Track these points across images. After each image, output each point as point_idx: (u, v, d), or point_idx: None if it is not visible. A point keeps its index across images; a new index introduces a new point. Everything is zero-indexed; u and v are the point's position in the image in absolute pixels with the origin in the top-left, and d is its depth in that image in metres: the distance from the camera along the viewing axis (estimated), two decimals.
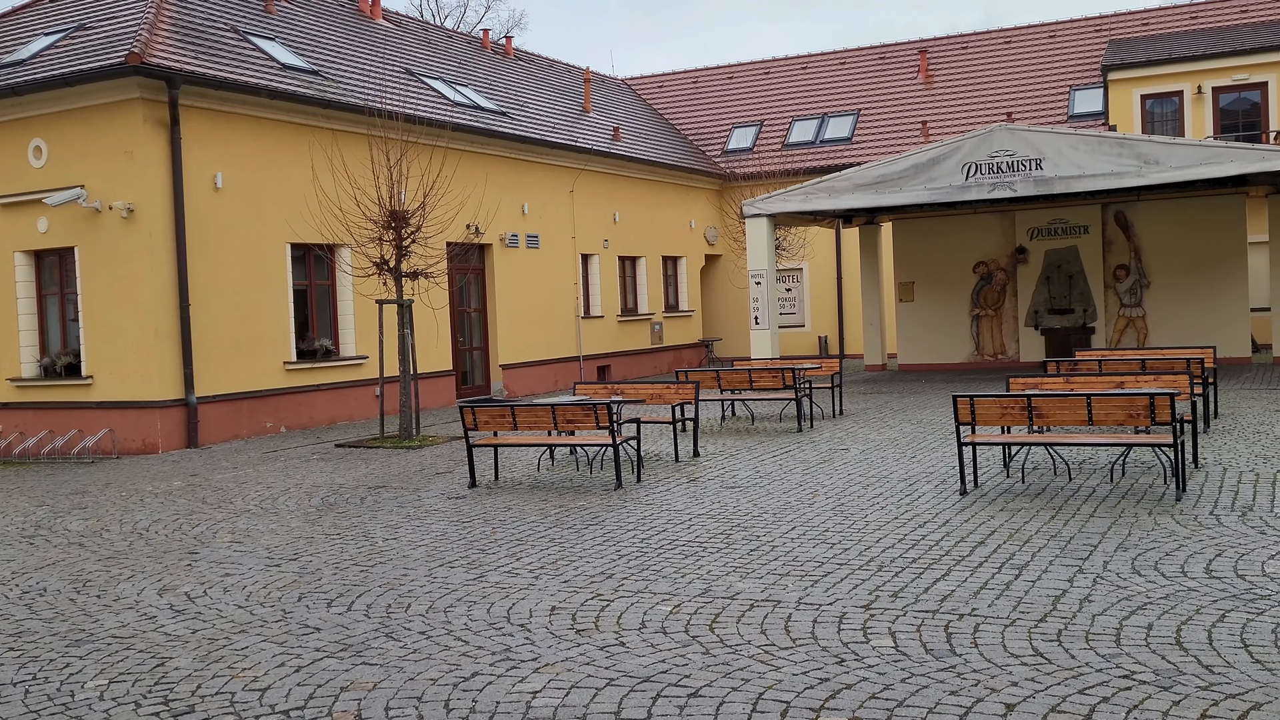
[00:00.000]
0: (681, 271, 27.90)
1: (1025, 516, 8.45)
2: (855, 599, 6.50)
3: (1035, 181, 17.98)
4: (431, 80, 21.96)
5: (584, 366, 23.51)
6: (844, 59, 32.01)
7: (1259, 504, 8.47)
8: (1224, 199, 21.40)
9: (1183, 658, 5.25)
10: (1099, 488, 9.44)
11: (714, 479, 10.86)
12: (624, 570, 7.42)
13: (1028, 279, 22.99)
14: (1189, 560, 6.96)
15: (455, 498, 10.51)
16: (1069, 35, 29.44)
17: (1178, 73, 25.46)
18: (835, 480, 10.47)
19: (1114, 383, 11.17)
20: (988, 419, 9.53)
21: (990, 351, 23.42)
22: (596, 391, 13.15)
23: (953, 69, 29.93)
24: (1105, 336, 22.43)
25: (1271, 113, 24.79)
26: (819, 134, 29.46)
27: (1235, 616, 5.81)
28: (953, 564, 7.17)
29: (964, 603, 6.31)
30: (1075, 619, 5.91)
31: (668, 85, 33.79)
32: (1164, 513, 8.33)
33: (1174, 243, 21.87)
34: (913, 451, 12.02)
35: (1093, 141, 17.88)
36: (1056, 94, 27.65)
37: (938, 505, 9.06)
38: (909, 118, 28.76)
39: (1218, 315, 21.43)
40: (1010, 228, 23.12)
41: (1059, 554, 7.28)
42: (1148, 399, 8.89)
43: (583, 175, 23.78)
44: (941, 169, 18.62)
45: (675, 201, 27.50)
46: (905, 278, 24.05)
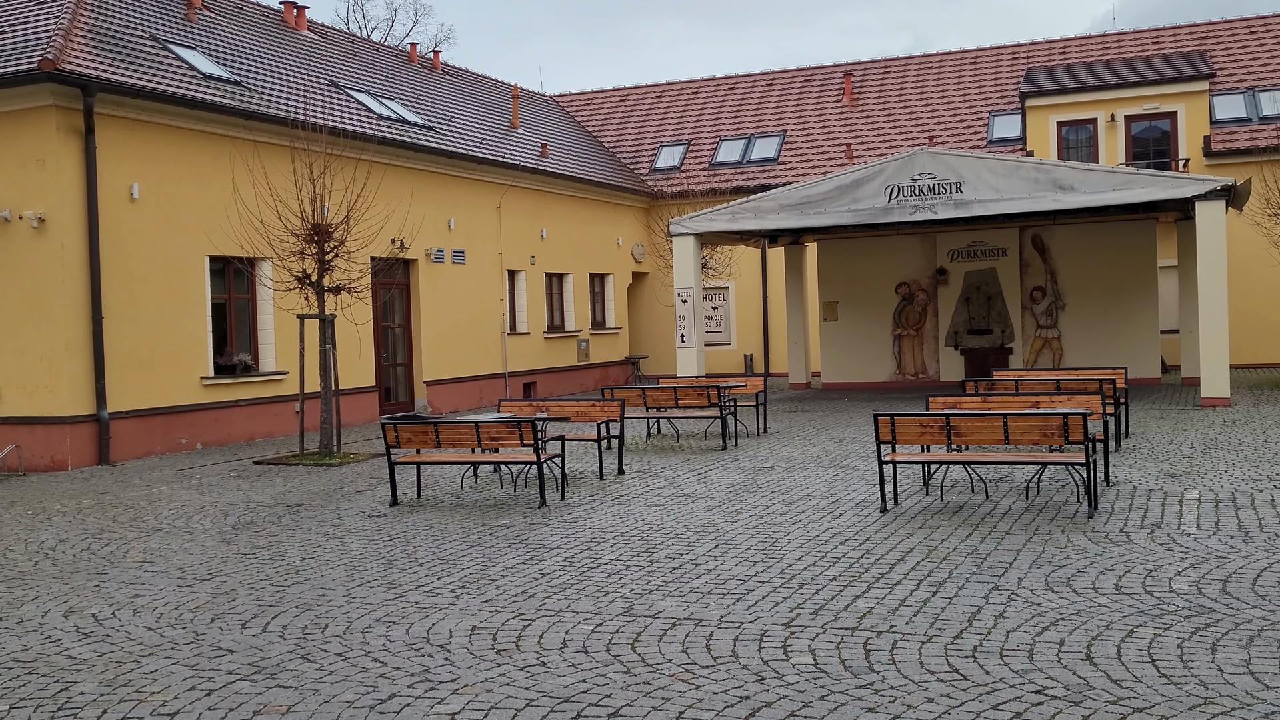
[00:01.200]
0: (608, 289, 27.93)
1: (943, 534, 8.58)
2: (776, 617, 6.53)
3: (955, 204, 18.35)
4: (357, 93, 21.74)
5: (510, 383, 23.38)
6: (771, 80, 32.40)
7: (1167, 521, 8.71)
8: (1135, 224, 22.04)
9: (1093, 673, 5.36)
10: (1015, 505, 9.63)
11: (638, 497, 10.85)
12: (546, 589, 7.37)
13: (948, 300, 23.43)
14: (1100, 576, 7.12)
15: (376, 516, 10.36)
16: (989, 62, 30.15)
17: (1092, 101, 26.22)
18: (758, 498, 10.53)
19: (1030, 402, 11.42)
20: (908, 437, 9.67)
21: (911, 371, 23.79)
22: (521, 409, 13.08)
23: (877, 93, 30.46)
24: (1022, 357, 22.93)
25: (1181, 141, 25.63)
26: (746, 154, 29.76)
27: (1143, 631, 5.95)
28: (872, 581, 7.25)
29: (883, 620, 6.38)
30: (990, 635, 6.01)
31: (596, 103, 33.88)
32: (1077, 530, 8.52)
33: (1088, 266, 22.46)
34: (835, 469, 12.14)
35: (1010, 166, 18.31)
36: (977, 119, 28.28)
37: (859, 523, 9.16)
38: (834, 139, 29.20)
39: (1129, 337, 22.04)
40: (931, 249, 23.56)
41: (975, 571, 7.40)
42: (1061, 418, 9.10)
43: (510, 191, 23.70)
44: (865, 191, 18.91)
45: (603, 219, 27.54)
46: (829, 297, 24.35)
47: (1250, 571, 7.07)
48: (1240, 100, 25.94)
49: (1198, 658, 5.50)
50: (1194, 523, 8.60)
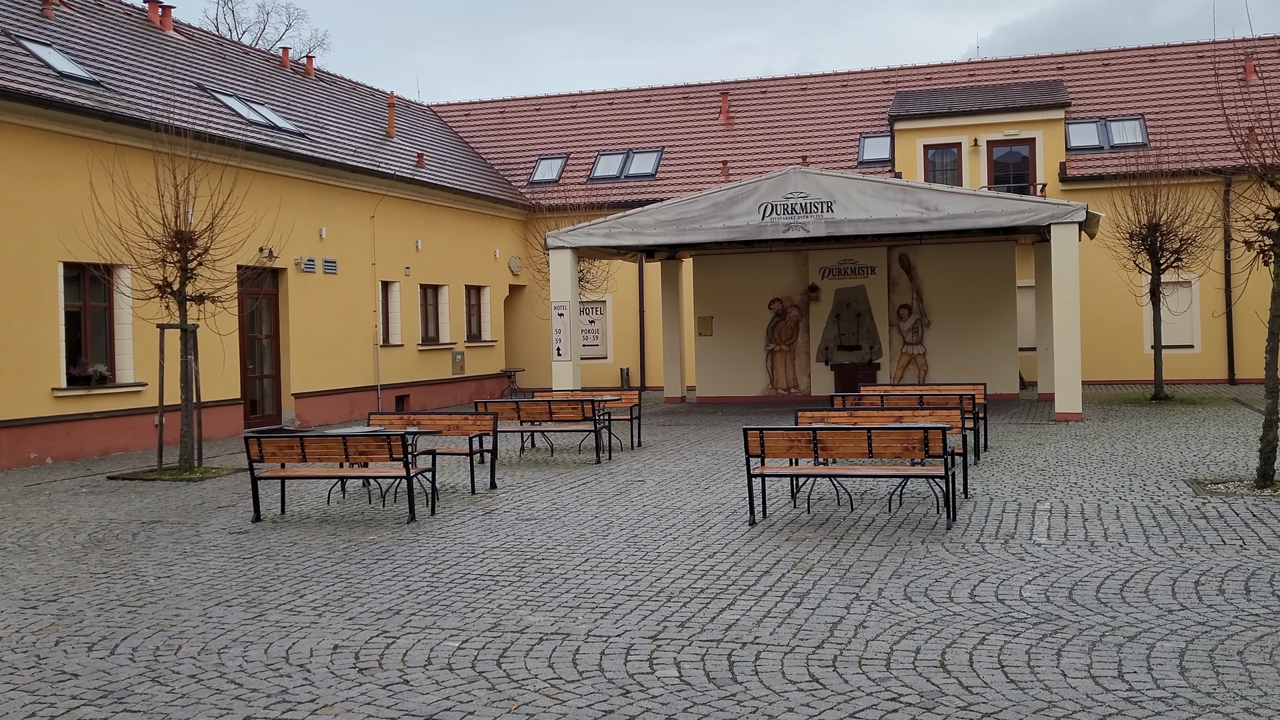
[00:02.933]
0: (485, 301, 27.73)
1: (809, 546, 8.75)
2: (643, 630, 6.56)
3: (827, 223, 18.79)
4: (225, 97, 21.14)
5: (382, 396, 22.99)
6: (649, 96, 32.69)
7: (1020, 532, 9.05)
8: (996, 245, 22.92)
9: (946, 680, 5.53)
10: (878, 517, 9.88)
11: (510, 511, 10.78)
12: (412, 606, 7.25)
13: (819, 316, 23.95)
14: (956, 586, 7.35)
15: (237, 533, 10.05)
16: (860, 85, 31.00)
17: (957, 125, 27.19)
18: (630, 511, 10.57)
19: (893, 417, 11.75)
20: (776, 451, 9.84)
21: (784, 385, 24.23)
22: (392, 422, 12.87)
23: (753, 112, 31.01)
24: (890, 372, 23.58)
25: (1039, 166, 26.77)
26: (624, 169, 29.94)
27: (994, 639, 6.17)
28: (739, 593, 7.34)
29: (747, 631, 6.46)
30: (850, 645, 6.15)
31: (474, 114, 33.66)
32: (935, 541, 8.78)
33: (952, 285, 23.25)
34: (706, 483, 12.28)
35: (879, 187, 18.85)
36: (848, 140, 29.04)
37: (728, 536, 9.27)
38: (710, 157, 29.61)
39: (989, 354, 22.87)
40: (804, 266, 24.06)
41: (838, 582, 7.56)
42: (922, 433, 9.38)
43: (385, 201, 23.35)
44: (740, 208, 19.22)
45: (480, 231, 27.35)
46: (704, 312, 24.65)
47: (1095, 580, 7.39)
48: (1094, 129, 27.24)
49: (1044, 663, 5.73)
50: (1045, 533, 8.96)
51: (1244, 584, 7.16)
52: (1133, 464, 12.76)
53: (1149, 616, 6.49)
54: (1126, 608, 6.69)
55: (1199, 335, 25.38)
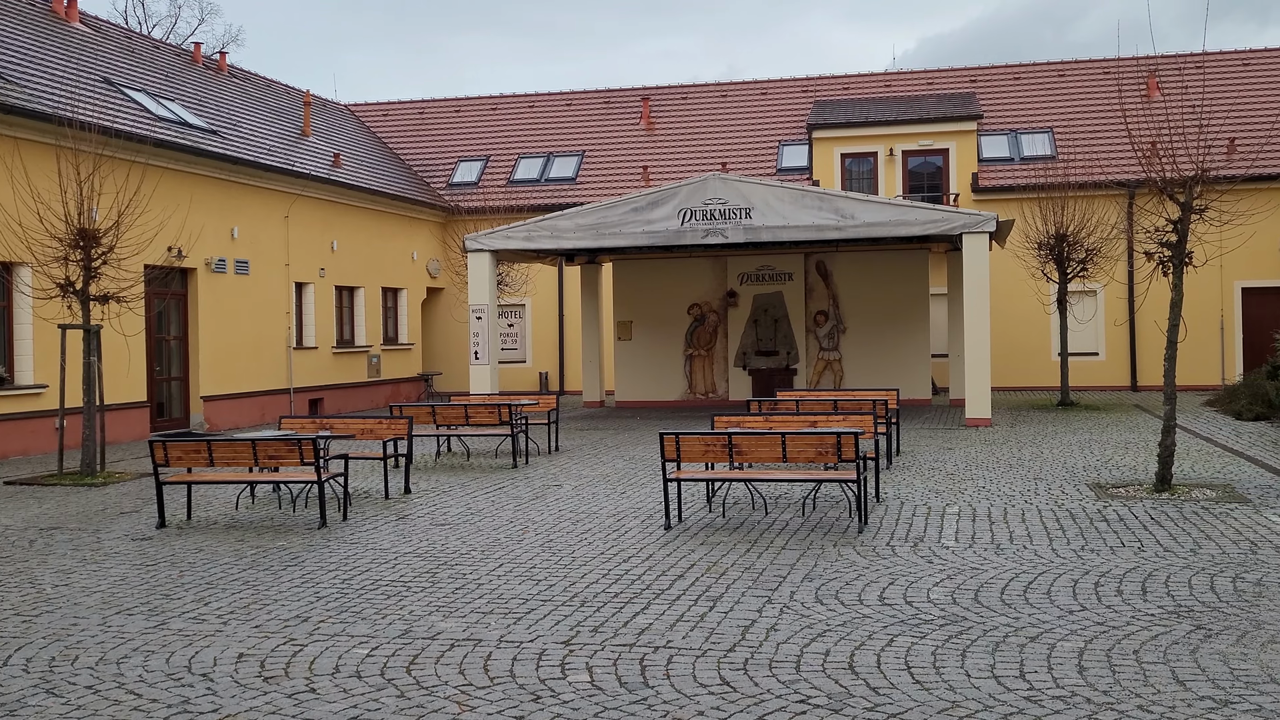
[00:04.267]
0: (402, 304, 27.40)
1: (723, 550, 8.80)
2: (556, 635, 6.53)
3: (745, 229, 18.94)
4: (133, 92, 20.59)
5: (295, 400, 22.57)
6: (571, 100, 32.65)
7: (929, 535, 9.21)
8: (910, 253, 23.34)
9: (854, 681, 5.61)
10: (792, 521, 9.98)
11: (424, 516, 10.66)
12: (321, 613, 7.13)
13: (737, 321, 24.14)
14: (865, 589, 7.46)
15: (140, 539, 9.78)
16: (779, 93, 31.34)
17: (873, 135, 27.64)
18: (546, 516, 10.53)
19: (808, 422, 11.89)
20: (692, 456, 9.88)
21: (702, 390, 24.37)
22: (304, 426, 12.64)
23: (673, 117, 31.16)
24: (806, 378, 23.85)
25: (952, 176, 27.33)
26: (544, 172, 29.85)
27: (902, 640, 6.27)
28: (653, 597, 7.36)
29: (661, 635, 6.47)
30: (761, 648, 6.19)
31: (393, 114, 33.28)
32: (847, 544, 8.90)
33: (867, 292, 23.62)
34: (623, 487, 12.28)
35: (797, 194, 19.07)
36: (767, 148, 29.33)
37: (643, 540, 9.29)
38: (631, 161, 29.67)
39: (903, 360, 23.27)
40: (722, 272, 24.23)
41: (752, 585, 7.62)
42: (835, 437, 9.51)
43: (299, 201, 22.95)
44: (659, 213, 19.29)
45: (397, 232, 27.03)
46: (624, 317, 24.68)
47: (1000, 581, 7.55)
48: (1005, 141, 27.90)
49: (949, 664, 5.83)
50: (953, 536, 9.14)
51: (1141, 585, 7.38)
52: (1038, 468, 13.08)
53: (1050, 617, 6.65)
54: (1029, 609, 6.85)
55: (1103, 343, 26.13)
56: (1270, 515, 9.73)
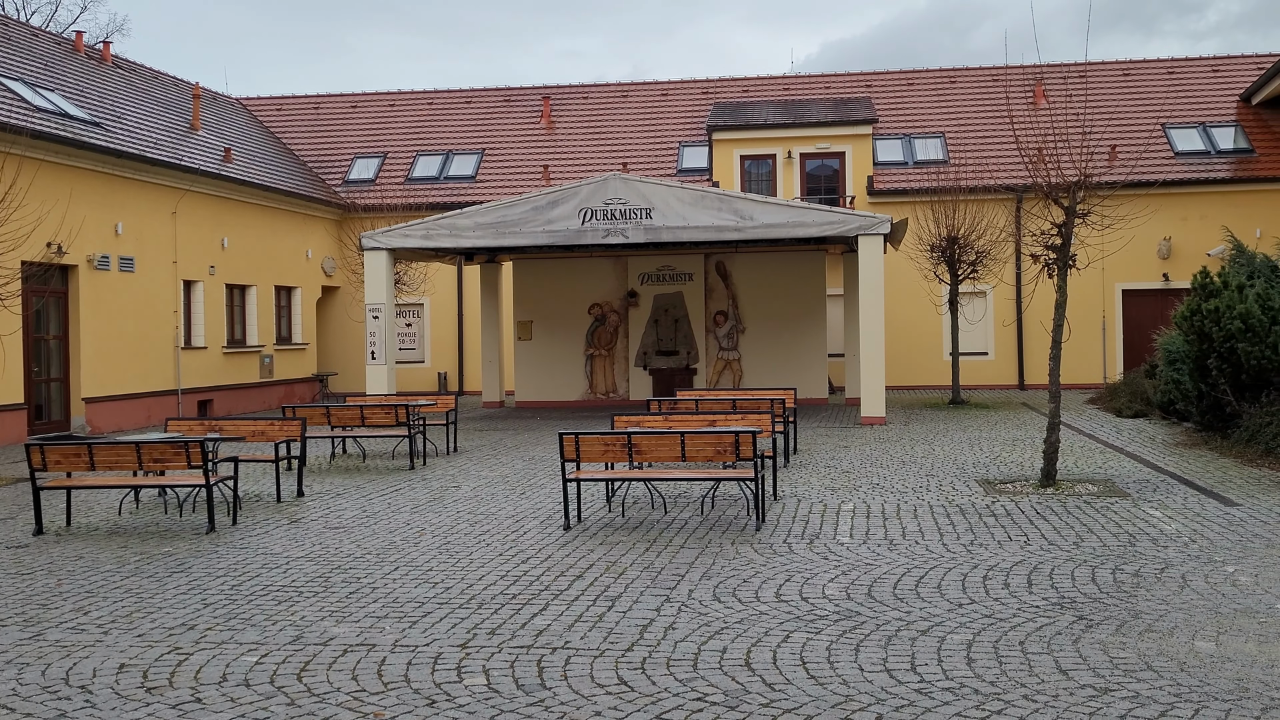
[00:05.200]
0: (296, 303, 26.80)
1: (623, 549, 8.80)
2: (453, 638, 6.45)
3: (645, 229, 18.99)
4: (9, 80, 19.75)
5: (183, 401, 21.91)
6: (470, 98, 32.36)
7: (825, 532, 9.35)
8: (808, 255, 23.68)
9: (750, 678, 5.65)
10: (691, 520, 10.03)
11: (317, 520, 10.43)
12: (209, 620, 6.92)
13: (638, 321, 24.20)
14: (763, 586, 7.53)
15: (16, 547, 9.37)
16: (679, 94, 31.51)
17: (772, 138, 27.97)
18: (444, 518, 10.39)
19: (707, 421, 11.95)
20: (592, 456, 9.86)
21: (603, 390, 24.37)
22: (192, 428, 12.26)
23: (574, 117, 31.10)
24: (706, 377, 24.03)
25: (848, 179, 27.81)
26: (444, 170, 29.52)
27: (797, 636, 6.34)
28: (551, 599, 7.31)
29: (558, 636, 6.44)
30: (659, 647, 6.20)
31: (288, 109, 32.54)
32: (745, 542, 8.97)
33: (766, 292, 23.89)
34: (523, 488, 12.20)
35: (697, 195, 19.19)
36: (668, 148, 29.46)
37: (542, 541, 9.23)
38: (531, 161, 29.52)
39: (801, 359, 23.60)
40: (623, 272, 24.26)
41: (650, 585, 7.63)
42: (733, 436, 9.58)
43: (188, 196, 22.27)
44: (560, 213, 19.22)
45: (291, 230, 26.43)
46: (524, 316, 24.54)
47: (893, 577, 7.70)
48: (899, 145, 28.50)
49: (843, 658, 5.92)
50: (848, 533, 9.28)
51: (1027, 578, 7.59)
52: (930, 465, 13.38)
53: (941, 611, 6.79)
54: (921, 603, 6.99)
55: (993, 343, 26.87)
56: (1148, 509, 10.11)
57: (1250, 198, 25.73)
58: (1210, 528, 9.15)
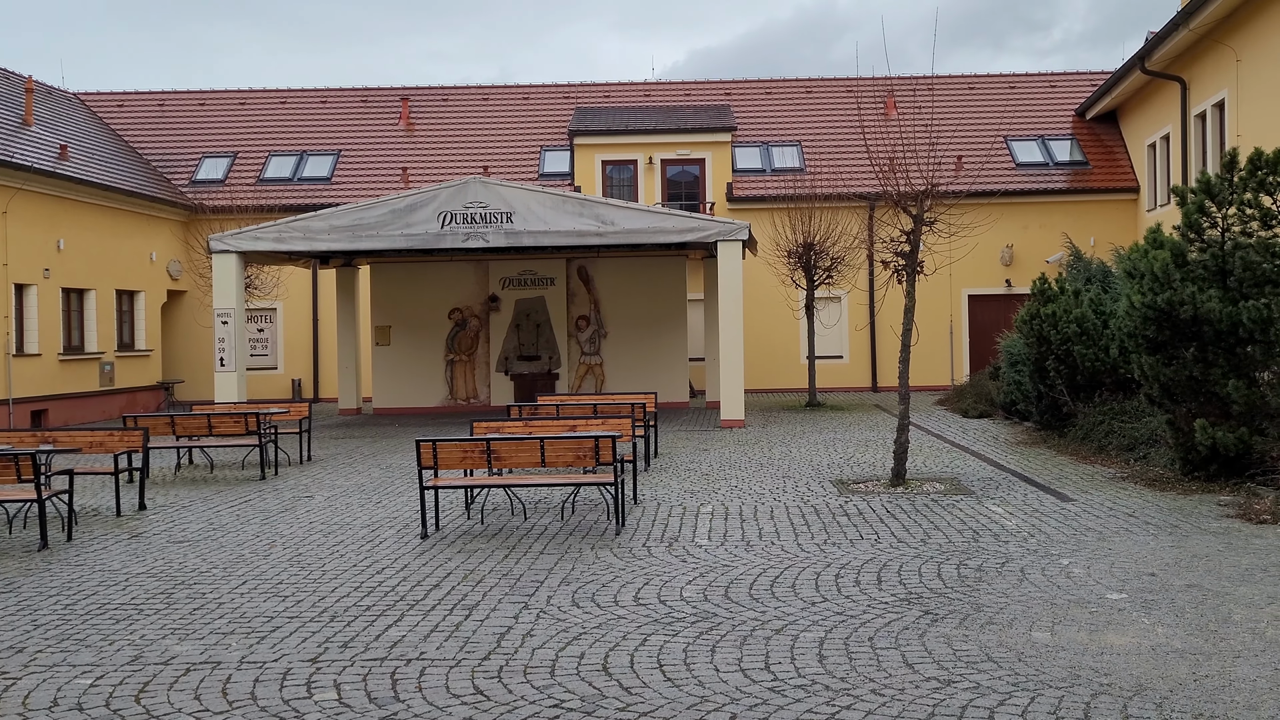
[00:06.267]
0: (139, 307, 25.67)
1: (481, 557, 8.69)
2: (303, 653, 6.26)
3: (506, 234, 18.86)
4: None
5: (14, 411, 20.74)
6: (325, 97, 31.60)
7: (683, 535, 9.42)
8: (669, 260, 23.89)
9: (607, 682, 5.64)
10: (551, 525, 9.98)
11: (160, 534, 10.00)
12: (39, 642, 6.55)
13: (499, 326, 24.00)
14: (621, 590, 7.54)
15: None
16: (541, 99, 31.42)
17: (633, 143, 28.15)
18: (295, 529, 10.09)
19: (568, 426, 11.93)
20: (450, 463, 9.72)
21: (464, 396, 24.08)
22: (23, 439, 11.60)
23: (434, 119, 30.68)
24: (568, 382, 23.99)
25: (708, 185, 28.19)
26: (298, 171, 28.74)
27: (655, 640, 6.36)
28: (406, 609, 7.17)
29: (413, 647, 6.31)
30: (517, 654, 6.14)
31: (130, 105, 31.18)
32: (604, 547, 8.98)
33: (628, 297, 24.00)
34: (379, 497, 11.94)
35: (558, 200, 19.15)
36: (529, 152, 29.34)
37: (398, 550, 9.05)
38: (390, 163, 29.00)
39: (662, 363, 23.79)
40: (484, 276, 24.04)
41: (508, 592, 7.55)
42: (593, 441, 9.58)
43: (19, 195, 21.10)
44: (419, 216, 18.92)
45: (134, 231, 25.31)
46: (382, 321, 24.07)
47: (749, 577, 7.81)
48: (757, 152, 29.03)
49: (699, 660, 5.97)
50: (706, 535, 9.38)
51: (877, 575, 7.80)
52: (787, 466, 13.65)
53: (795, 610, 6.92)
54: (776, 602, 7.11)
55: (847, 347, 27.61)
56: (990, 505, 10.52)
57: (1085, 207, 27.11)
58: (1047, 523, 9.57)
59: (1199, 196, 11.50)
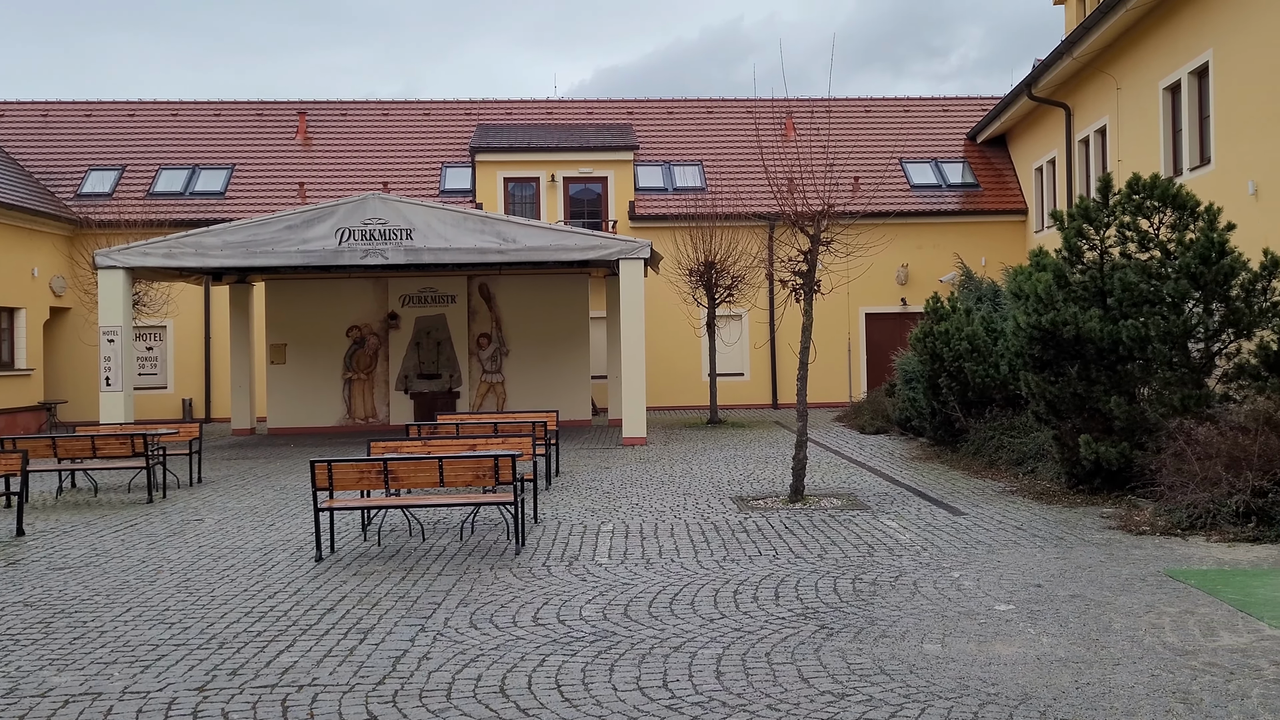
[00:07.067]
0: (19, 325, 24.69)
1: (377, 579, 8.54)
2: (190, 681, 6.06)
3: (406, 250, 18.65)
4: None
5: None
6: (219, 110, 30.90)
7: (584, 553, 9.40)
8: (571, 277, 23.89)
9: (504, 704, 5.58)
10: (450, 546, 9.86)
11: (39, 560, 9.61)
12: None
13: (399, 344, 23.69)
14: (520, 610, 7.48)
15: None
16: (442, 115, 31.19)
17: (535, 161, 28.12)
18: (184, 554, 9.79)
19: (467, 445, 11.80)
20: (346, 483, 9.54)
21: (362, 415, 23.69)
22: None
23: (332, 134, 30.22)
24: (469, 401, 23.78)
25: (611, 203, 28.28)
26: (189, 185, 28.02)
27: (553, 660, 6.32)
28: (299, 634, 7.01)
29: (305, 673, 6.17)
30: (413, 678, 6.05)
31: (11, 115, 30.06)
32: (504, 567, 8.90)
33: (530, 315, 23.92)
34: (272, 519, 11.66)
35: (459, 217, 19.01)
36: (430, 169, 29.08)
37: (291, 574, 8.84)
38: (286, 178, 28.46)
39: (564, 381, 23.75)
40: (384, 294, 23.72)
41: (405, 614, 7.43)
42: (493, 460, 9.50)
43: None
44: (316, 232, 18.60)
45: (13, 245, 24.35)
46: (277, 339, 23.56)
47: (648, 595, 7.81)
48: (659, 171, 29.23)
49: (597, 679, 5.94)
50: (606, 553, 9.37)
51: (774, 591, 7.88)
52: (688, 484, 13.72)
53: (693, 627, 6.95)
54: (675, 620, 7.13)
55: (748, 364, 27.91)
56: (885, 520, 10.72)
57: (977, 228, 27.90)
58: (940, 536, 9.79)
59: (1077, 220, 11.93)
